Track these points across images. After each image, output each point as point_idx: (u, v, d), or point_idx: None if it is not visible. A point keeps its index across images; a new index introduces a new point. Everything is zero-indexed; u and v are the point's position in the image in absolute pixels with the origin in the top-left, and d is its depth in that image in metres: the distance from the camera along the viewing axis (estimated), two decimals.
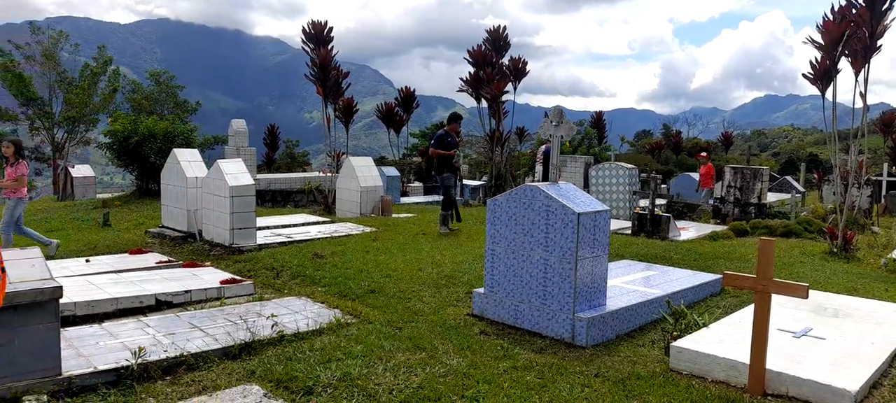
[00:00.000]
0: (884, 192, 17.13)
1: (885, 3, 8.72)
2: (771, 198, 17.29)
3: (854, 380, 3.87)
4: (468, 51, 16.51)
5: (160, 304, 5.94)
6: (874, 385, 4.15)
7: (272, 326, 4.92)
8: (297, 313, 5.53)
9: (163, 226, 10.10)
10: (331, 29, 12.82)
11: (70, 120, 24.50)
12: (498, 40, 16.40)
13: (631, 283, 6.34)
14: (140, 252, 8.36)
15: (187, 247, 8.84)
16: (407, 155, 27.63)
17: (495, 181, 17.02)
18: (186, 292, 6.13)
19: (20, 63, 24.09)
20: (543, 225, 5.12)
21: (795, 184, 22.32)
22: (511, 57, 16.57)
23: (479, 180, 21.38)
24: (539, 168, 14.27)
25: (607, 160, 16.88)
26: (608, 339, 5.08)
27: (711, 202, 15.85)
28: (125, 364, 4.15)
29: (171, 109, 27.26)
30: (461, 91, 16.38)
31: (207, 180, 8.94)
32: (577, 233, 4.89)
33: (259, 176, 18.39)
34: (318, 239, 9.18)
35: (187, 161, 9.63)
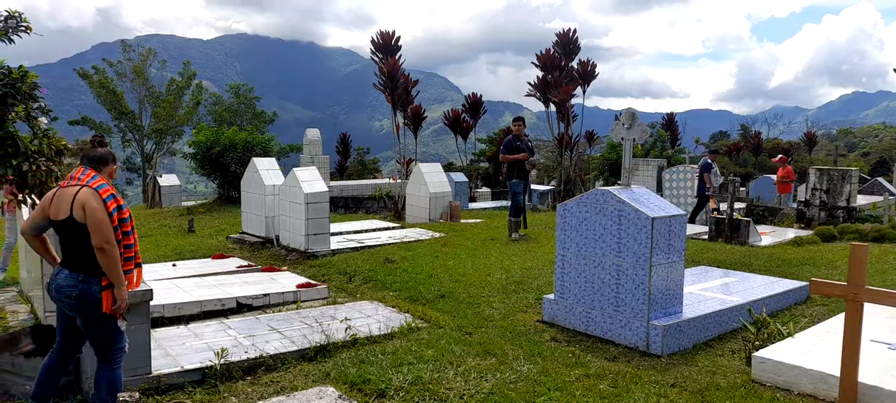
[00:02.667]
0: None
1: None
2: (861, 200, 16.25)
3: None
4: (536, 55, 16.41)
5: (241, 307, 6.20)
6: None
7: (346, 329, 5.05)
8: (370, 317, 5.65)
9: (243, 232, 10.54)
10: (398, 38, 13.05)
11: (158, 132, 25.94)
12: (567, 43, 16.21)
13: (708, 290, 6.12)
14: (222, 256, 8.76)
15: (265, 252, 9.19)
16: (474, 160, 27.70)
17: (564, 186, 16.81)
18: (265, 295, 6.37)
19: (113, 79, 25.72)
20: (615, 231, 5.02)
21: (888, 185, 20.88)
22: (579, 60, 16.35)
23: (548, 185, 21.17)
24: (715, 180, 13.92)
25: (681, 163, 16.36)
26: (685, 348, 4.92)
27: (793, 205, 15.07)
28: (209, 364, 4.36)
29: (250, 120, 28.39)
30: (529, 95, 16.29)
31: (284, 188, 9.26)
32: (651, 238, 4.78)
33: (332, 183, 18.89)
34: (389, 244, 9.34)
35: (265, 169, 10.02)
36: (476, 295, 6.39)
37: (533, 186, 10.52)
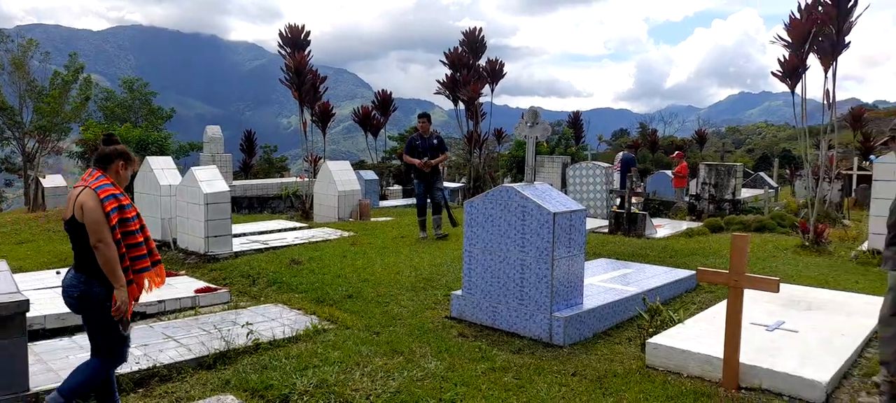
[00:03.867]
0: (854, 186, 17.45)
1: (850, 1, 8.89)
2: (745, 193, 17.53)
3: (825, 371, 3.94)
4: (444, 53, 16.52)
5: (133, 315, 5.82)
6: (845, 375, 4.23)
7: (247, 334, 4.86)
8: (274, 320, 5.48)
9: None
10: (308, 33, 12.73)
11: (41, 129, 24.04)
12: (474, 42, 16.42)
13: (608, 281, 6.38)
14: None
15: (162, 256, 8.70)
16: (386, 158, 27.57)
17: (474, 183, 17.06)
18: (160, 302, 6.03)
19: None
20: (520, 226, 5.13)
21: (769, 179, 22.67)
22: (488, 58, 16.62)
23: (458, 182, 21.40)
24: (617, 176, 14.26)
25: (584, 160, 16.99)
26: (585, 338, 5.10)
27: (686, 199, 16.04)
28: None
29: (145, 117, 26.87)
30: (438, 93, 16.39)
31: (181, 188, 8.82)
32: (553, 233, 4.91)
33: (235, 182, 18.20)
34: (296, 244, 9.11)
35: (160, 169, 9.50)
36: (385, 293, 6.35)
37: (444, 184, 10.33)
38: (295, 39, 12.64)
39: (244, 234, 10.03)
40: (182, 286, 6.70)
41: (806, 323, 5.00)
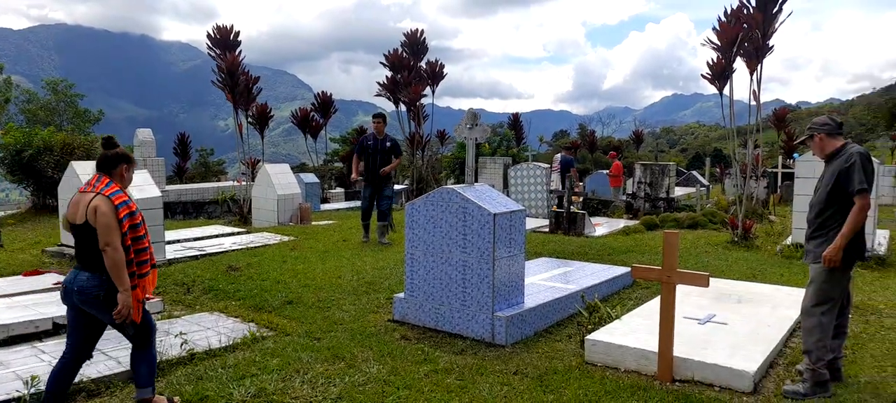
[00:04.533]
0: (779, 183, 18.34)
1: (775, 7, 9.34)
2: (678, 192, 18.16)
3: (753, 362, 4.11)
4: (385, 55, 16.43)
5: (58, 328, 5.53)
6: (771, 364, 4.42)
7: (181, 345, 4.69)
8: (209, 329, 5.31)
9: (62, 244, 9.44)
10: (238, 33, 12.39)
11: None
12: (415, 44, 16.40)
13: (549, 280, 6.48)
14: (36, 273, 7.78)
15: None
16: (328, 160, 27.19)
17: (417, 185, 17.03)
18: None
19: None
20: (461, 227, 5.14)
21: (700, 178, 23.56)
22: (428, 60, 16.62)
23: (401, 184, 21.33)
24: (556, 177, 14.34)
25: (525, 161, 17.23)
26: (527, 336, 5.16)
27: (623, 198, 16.49)
28: (16, 394, 3.85)
29: (71, 120, 25.64)
30: (379, 95, 16.28)
31: None
32: (494, 234, 4.95)
33: (168, 187, 17.57)
34: (233, 250, 8.86)
35: (86, 174, 9.05)
36: (326, 298, 6.25)
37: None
38: (224, 40, 12.29)
39: (178, 241, 9.69)
40: None
41: (735, 316, 5.21)
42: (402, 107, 16.44)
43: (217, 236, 10.37)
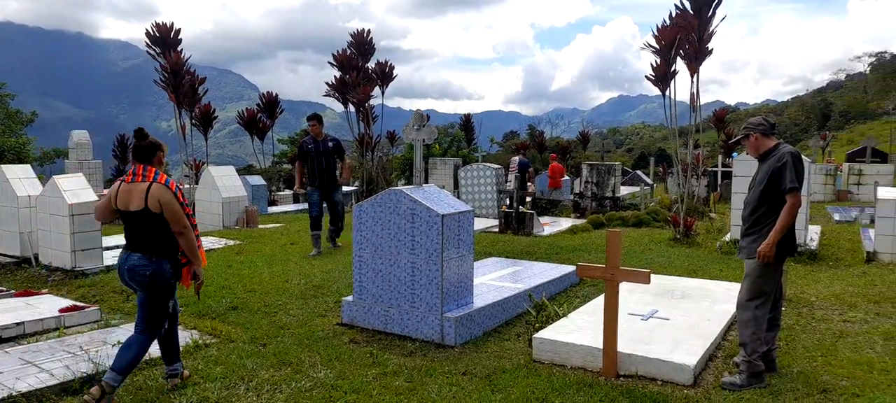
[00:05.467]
0: (719, 182, 19.01)
1: (709, 11, 9.67)
2: (624, 191, 18.62)
3: (693, 355, 4.24)
4: (333, 55, 16.25)
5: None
6: (710, 357, 4.57)
7: None
8: None
9: None
10: (178, 31, 12.03)
11: None
12: (362, 44, 16.27)
13: (498, 280, 6.53)
14: (29, 294, 7.35)
15: (21, 274, 7.93)
16: (276, 162, 26.69)
17: (367, 186, 16.91)
18: (18, 324, 5.47)
19: None
20: (409, 229, 5.12)
21: (645, 177, 24.20)
22: (377, 60, 16.54)
23: (351, 186, 21.14)
24: (512, 176, 14.36)
25: (475, 161, 17.34)
26: (476, 336, 5.18)
27: (569, 197, 16.78)
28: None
29: (1, 121, 24.40)
30: (327, 95, 16.09)
31: (42, 198, 8.07)
32: (442, 235, 4.95)
33: (105, 191, 16.92)
34: None
35: (18, 178, 8.64)
36: (272, 303, 6.13)
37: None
38: (164, 38, 11.92)
39: (118, 247, 9.33)
40: (45, 305, 6.12)
41: (676, 311, 5.37)
42: (351, 108, 16.30)
43: None
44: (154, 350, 4.73)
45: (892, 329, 5.16)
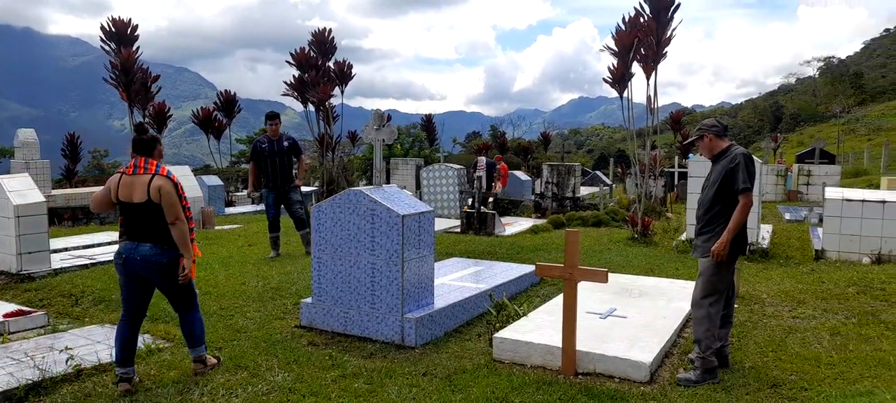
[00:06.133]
0: (676, 182, 19.43)
1: (667, 15, 9.88)
2: (584, 191, 18.85)
3: (649, 353, 4.30)
4: (291, 54, 16.03)
5: None
6: (666, 354, 4.66)
7: (67, 360, 4.35)
8: (100, 343, 4.96)
9: None
10: (135, 27, 11.69)
11: None
12: (323, 43, 16.09)
13: (459, 280, 6.53)
14: (21, 313, 6.99)
15: None
16: (234, 162, 26.21)
17: (327, 187, 16.73)
18: None
19: None
20: (369, 229, 5.08)
21: (604, 177, 24.58)
22: (337, 60, 16.36)
23: (311, 186, 20.89)
24: (481, 173, 14.26)
25: (437, 162, 17.33)
26: (437, 337, 5.17)
27: (531, 197, 16.92)
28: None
29: None
30: (286, 95, 15.86)
31: None
32: (402, 235, 4.92)
33: (55, 191, 16.30)
34: None
35: None
36: (229, 306, 6.00)
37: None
38: (120, 34, 11.56)
39: (66, 249, 9.03)
40: None
41: (634, 309, 5.45)
42: (311, 108, 16.10)
43: (110, 243, 9.73)
44: (104, 355, 4.59)
45: (839, 324, 5.35)
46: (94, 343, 4.93)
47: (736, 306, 4.83)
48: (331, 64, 16.05)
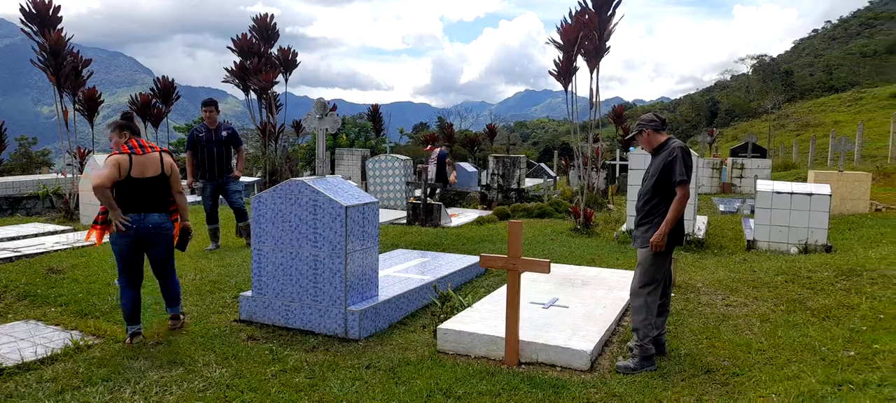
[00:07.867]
0: (617, 174, 19.89)
1: (609, 10, 10.05)
2: (528, 183, 19.09)
3: (589, 342, 4.38)
4: (232, 40, 15.55)
5: None
6: (606, 343, 4.75)
7: None
8: (23, 340, 4.70)
9: None
10: (58, 8, 11.05)
11: None
12: (266, 29, 15.65)
13: (405, 271, 6.49)
14: None
15: None
16: (173, 151, 25.30)
17: (270, 177, 16.35)
18: None
19: None
20: (311, 221, 4.98)
21: (548, 170, 24.94)
22: (280, 47, 15.97)
23: (253, 176, 20.39)
24: (432, 168, 14.02)
25: (383, 152, 17.20)
26: (382, 329, 5.12)
27: (477, 189, 17.02)
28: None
29: None
30: (227, 81, 15.38)
31: None
32: (346, 227, 4.85)
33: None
34: (56, 250, 7.95)
35: None
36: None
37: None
38: (42, 16, 10.92)
39: None
40: None
41: (575, 299, 5.54)
42: (253, 96, 15.68)
43: (37, 235, 9.26)
44: (27, 353, 4.35)
45: (768, 312, 5.58)
46: (17, 341, 4.67)
47: (672, 295, 4.97)
48: (274, 51, 15.66)
